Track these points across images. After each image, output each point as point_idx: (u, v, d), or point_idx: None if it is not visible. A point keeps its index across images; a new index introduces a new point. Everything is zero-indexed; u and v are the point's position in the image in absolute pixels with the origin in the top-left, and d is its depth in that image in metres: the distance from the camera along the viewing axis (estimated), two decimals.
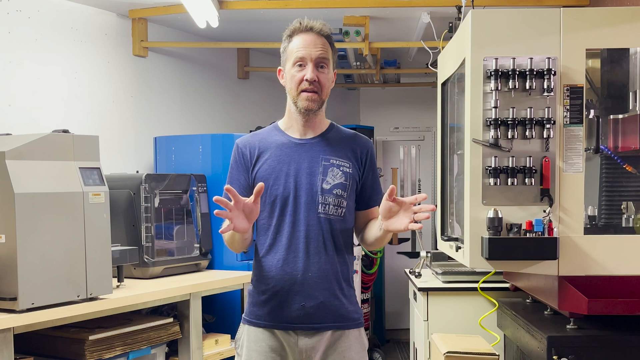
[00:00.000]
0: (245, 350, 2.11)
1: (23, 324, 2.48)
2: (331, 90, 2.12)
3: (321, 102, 2.07)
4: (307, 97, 2.03)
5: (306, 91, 2.03)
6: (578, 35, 2.39)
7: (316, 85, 2.03)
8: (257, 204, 1.93)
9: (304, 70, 2.03)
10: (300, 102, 2.05)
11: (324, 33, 2.07)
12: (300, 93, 2.04)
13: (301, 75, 2.03)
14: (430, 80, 5.94)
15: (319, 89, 2.04)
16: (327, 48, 2.06)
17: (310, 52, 2.03)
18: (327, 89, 2.08)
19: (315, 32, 2.05)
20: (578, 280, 2.37)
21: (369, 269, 5.16)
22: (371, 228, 2.12)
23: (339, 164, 2.09)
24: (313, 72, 2.02)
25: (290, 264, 2.05)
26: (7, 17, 3.50)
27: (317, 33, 2.06)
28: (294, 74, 2.05)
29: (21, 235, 2.48)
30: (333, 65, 2.11)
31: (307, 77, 2.02)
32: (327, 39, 2.08)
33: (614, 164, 2.61)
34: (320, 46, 2.04)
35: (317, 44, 2.04)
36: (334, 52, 2.12)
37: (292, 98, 2.07)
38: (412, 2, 3.91)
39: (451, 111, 3.08)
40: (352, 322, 2.10)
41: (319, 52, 2.04)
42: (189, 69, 4.83)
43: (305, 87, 2.03)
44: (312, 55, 2.03)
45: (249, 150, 2.14)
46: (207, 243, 3.83)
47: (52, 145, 2.66)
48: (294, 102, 2.07)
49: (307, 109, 2.05)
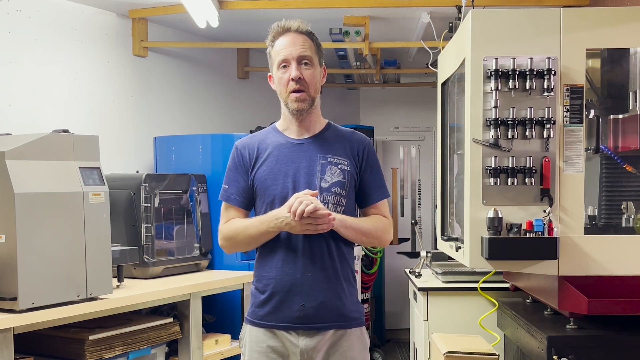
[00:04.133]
0: (247, 351, 2.12)
1: (23, 324, 2.48)
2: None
3: (311, 100, 2.08)
4: (296, 97, 2.05)
5: (294, 92, 2.05)
6: (578, 35, 2.39)
7: (302, 84, 2.05)
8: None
9: (288, 70, 2.05)
10: (291, 103, 2.07)
11: (302, 30, 2.08)
12: (290, 94, 2.06)
13: (287, 77, 2.05)
14: (430, 80, 5.94)
15: (305, 87, 2.05)
16: (307, 45, 2.07)
17: (290, 51, 2.05)
18: (315, 85, 2.08)
19: (293, 31, 2.07)
20: (578, 280, 2.37)
21: (369, 269, 5.16)
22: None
23: (337, 162, 2.10)
24: (297, 69, 2.04)
25: (289, 264, 2.05)
26: (7, 17, 3.50)
27: (295, 32, 2.07)
28: (280, 76, 2.07)
29: (21, 235, 2.47)
30: (319, 61, 2.11)
31: (292, 76, 2.04)
32: (307, 36, 2.09)
33: (614, 164, 2.61)
34: (300, 44, 2.06)
35: (296, 43, 2.06)
36: (318, 47, 2.12)
37: (284, 101, 2.10)
38: (412, 2, 3.91)
39: (451, 111, 3.08)
40: (354, 322, 2.11)
41: (299, 50, 2.05)
42: (189, 69, 4.83)
43: (293, 87, 2.05)
44: (293, 54, 2.05)
45: (248, 151, 2.15)
46: (207, 243, 3.83)
47: (52, 145, 2.66)
48: (285, 104, 2.10)
49: (298, 109, 2.06)
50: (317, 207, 1.93)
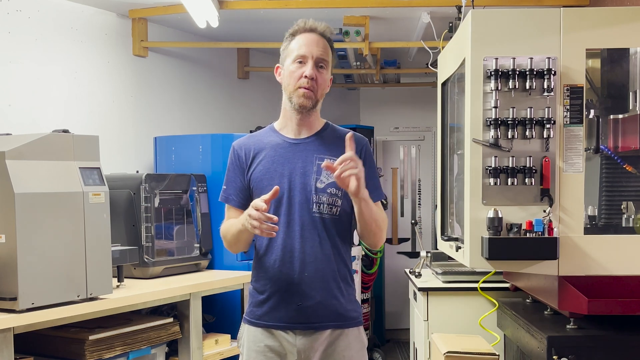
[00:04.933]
0: (245, 350, 2.13)
1: (23, 324, 2.48)
2: (331, 90, 2.13)
3: (316, 101, 2.08)
4: (304, 93, 2.05)
5: (303, 88, 2.04)
6: (578, 35, 2.39)
7: (313, 85, 2.05)
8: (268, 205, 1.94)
9: (303, 67, 2.05)
10: (296, 97, 2.06)
11: (326, 35, 2.10)
12: (297, 89, 2.05)
13: (300, 72, 2.05)
14: (430, 80, 5.94)
15: (315, 89, 2.06)
16: (327, 50, 2.09)
17: (312, 50, 2.05)
18: (323, 90, 2.10)
19: (318, 32, 2.08)
20: (578, 280, 2.37)
21: (369, 269, 5.16)
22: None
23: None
24: (313, 69, 2.04)
25: (286, 264, 2.06)
26: (7, 17, 3.50)
27: (319, 34, 2.09)
28: (294, 70, 2.06)
29: (21, 235, 2.47)
30: (331, 69, 2.12)
31: (306, 74, 2.03)
32: (328, 42, 2.10)
33: (614, 164, 2.61)
34: (322, 47, 2.07)
35: (319, 44, 2.07)
36: (334, 56, 2.14)
37: (288, 94, 2.09)
38: (412, 2, 3.91)
39: (451, 111, 3.08)
40: (351, 321, 2.11)
41: (320, 51, 2.06)
42: (189, 69, 4.83)
43: (303, 84, 2.04)
44: (313, 54, 2.05)
45: (244, 152, 2.15)
46: (207, 243, 3.83)
47: (52, 145, 2.65)
48: (289, 98, 2.09)
49: (302, 105, 2.06)
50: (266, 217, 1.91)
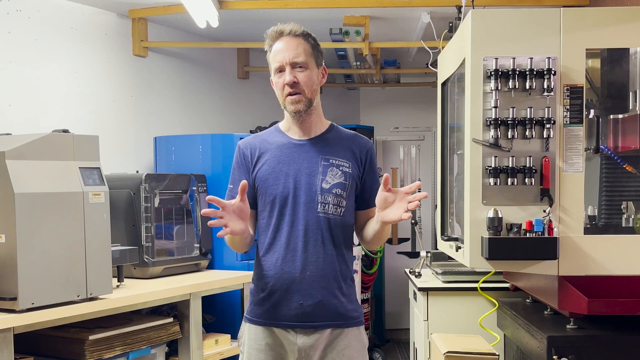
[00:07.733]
0: (246, 348, 2.14)
1: (23, 324, 2.48)
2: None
3: (307, 101, 2.08)
4: (292, 100, 2.07)
5: (290, 95, 2.06)
6: (578, 35, 2.39)
7: (297, 87, 2.06)
8: (244, 202, 1.96)
9: (283, 75, 2.07)
10: (288, 106, 2.09)
11: (295, 33, 2.08)
12: (286, 98, 2.08)
13: (282, 82, 2.07)
14: (430, 80, 5.94)
15: (301, 90, 2.06)
16: (302, 48, 2.07)
17: (284, 56, 2.06)
18: (311, 87, 2.08)
19: (286, 35, 2.08)
20: (578, 280, 2.37)
21: (369, 268, 5.16)
22: (370, 224, 2.14)
23: (339, 163, 2.11)
24: (290, 74, 2.05)
25: (288, 263, 2.06)
26: (7, 17, 3.50)
27: (289, 35, 2.08)
28: (277, 81, 2.10)
29: (21, 235, 2.48)
30: (317, 62, 2.11)
31: (286, 82, 2.06)
32: (303, 38, 2.09)
33: (614, 164, 2.61)
34: (293, 48, 2.06)
35: (289, 48, 2.06)
36: (314, 48, 2.11)
37: (282, 104, 2.12)
38: (412, 2, 3.91)
39: (451, 111, 3.08)
40: (352, 321, 2.11)
41: (292, 54, 2.06)
42: (189, 69, 4.83)
43: (288, 91, 2.06)
44: (286, 59, 2.06)
45: (250, 151, 2.16)
46: (207, 243, 3.83)
47: (52, 145, 2.66)
48: (283, 107, 2.12)
49: (295, 111, 2.08)
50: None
